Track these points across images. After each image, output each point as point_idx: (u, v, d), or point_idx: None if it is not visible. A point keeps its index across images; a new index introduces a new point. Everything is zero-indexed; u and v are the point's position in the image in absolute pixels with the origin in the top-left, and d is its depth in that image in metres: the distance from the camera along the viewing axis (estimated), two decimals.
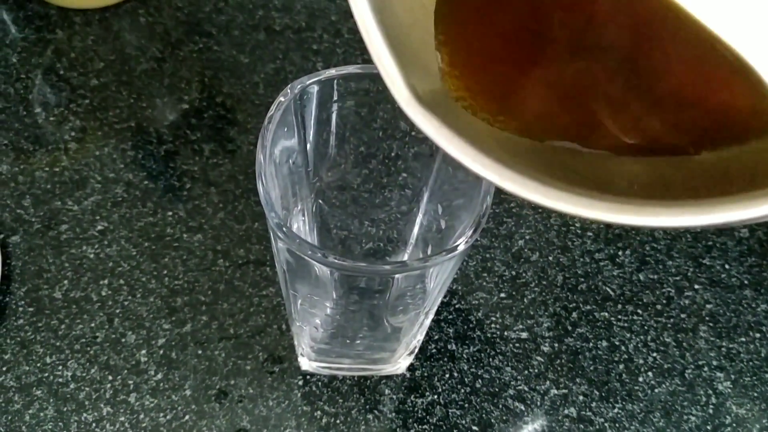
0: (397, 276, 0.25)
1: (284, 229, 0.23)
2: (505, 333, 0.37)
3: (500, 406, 0.35)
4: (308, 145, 0.29)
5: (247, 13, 0.47)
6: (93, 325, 0.36)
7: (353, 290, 0.28)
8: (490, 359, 0.36)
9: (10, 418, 0.33)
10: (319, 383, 0.35)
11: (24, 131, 0.41)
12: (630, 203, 0.16)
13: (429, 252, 0.32)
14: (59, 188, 0.39)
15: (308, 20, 0.47)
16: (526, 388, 0.35)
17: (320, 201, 0.33)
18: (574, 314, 0.38)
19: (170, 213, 0.39)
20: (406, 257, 0.34)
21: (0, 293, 0.36)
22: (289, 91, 0.25)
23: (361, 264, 0.23)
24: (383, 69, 0.18)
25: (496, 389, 0.35)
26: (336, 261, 0.23)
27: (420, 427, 0.34)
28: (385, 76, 0.18)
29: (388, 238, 0.35)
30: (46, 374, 0.34)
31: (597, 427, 0.34)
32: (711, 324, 0.38)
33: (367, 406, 0.34)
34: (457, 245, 0.23)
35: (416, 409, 0.34)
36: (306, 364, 0.35)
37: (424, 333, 0.34)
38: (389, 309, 0.30)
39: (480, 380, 0.35)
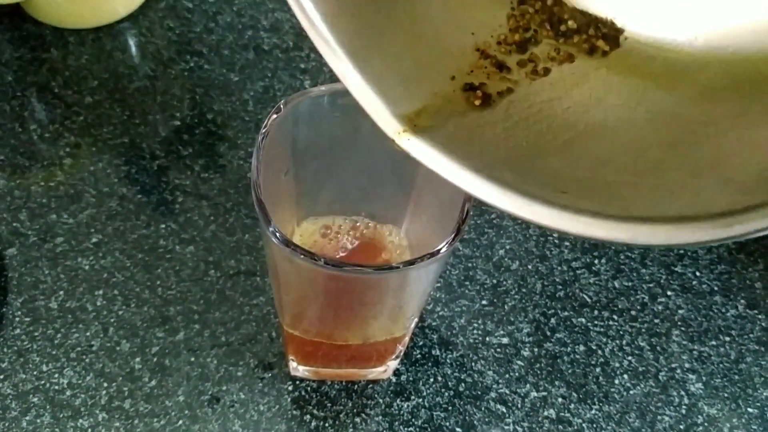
0: (385, 279, 0.27)
1: (278, 234, 0.25)
2: (487, 338, 0.38)
3: (483, 409, 0.36)
4: (299, 158, 0.30)
5: (237, 33, 0.49)
6: (88, 334, 0.37)
7: (342, 295, 0.29)
8: (473, 364, 0.37)
9: (7, 425, 0.34)
10: (308, 388, 0.36)
11: (20, 147, 0.42)
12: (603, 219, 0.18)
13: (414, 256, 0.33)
14: (55, 202, 0.41)
15: (296, 40, 0.48)
16: (507, 391, 0.37)
17: (311, 212, 0.34)
18: (553, 320, 0.39)
19: (163, 225, 0.40)
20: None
21: None
22: (282, 107, 0.27)
23: (350, 267, 0.25)
24: (368, 105, 0.20)
25: (479, 392, 0.37)
26: (326, 264, 0.24)
27: (406, 429, 0.35)
28: (371, 113, 0.20)
29: None
30: (43, 382, 0.35)
31: (575, 427, 0.36)
32: (683, 329, 0.39)
33: (355, 410, 0.36)
34: (440, 249, 0.25)
35: (402, 412, 0.36)
36: (295, 369, 0.36)
37: (410, 338, 0.35)
38: (376, 314, 0.31)
39: (463, 384, 0.37)
